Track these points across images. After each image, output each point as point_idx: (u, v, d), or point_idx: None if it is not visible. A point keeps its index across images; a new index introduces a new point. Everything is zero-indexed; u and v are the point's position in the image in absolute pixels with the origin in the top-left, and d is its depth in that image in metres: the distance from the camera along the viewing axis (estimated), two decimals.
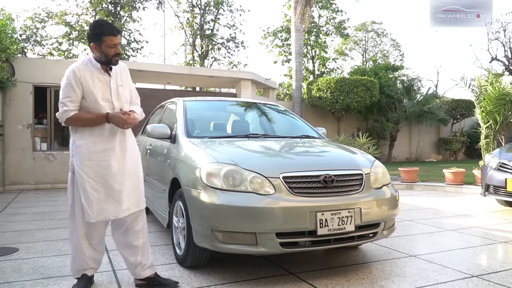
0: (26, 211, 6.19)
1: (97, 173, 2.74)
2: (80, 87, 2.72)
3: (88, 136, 2.77)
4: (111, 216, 2.79)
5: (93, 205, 2.72)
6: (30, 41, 20.61)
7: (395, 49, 30.19)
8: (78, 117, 2.73)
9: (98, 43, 2.71)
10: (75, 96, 2.71)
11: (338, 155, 3.63)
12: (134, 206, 2.88)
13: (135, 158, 2.97)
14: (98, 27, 2.73)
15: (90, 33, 2.75)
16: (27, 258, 3.68)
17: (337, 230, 2.95)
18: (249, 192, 2.93)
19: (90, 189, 2.73)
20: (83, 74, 2.73)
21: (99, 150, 2.76)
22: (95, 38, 2.71)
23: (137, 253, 2.94)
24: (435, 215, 5.92)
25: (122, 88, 2.90)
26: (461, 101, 18.12)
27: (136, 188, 2.91)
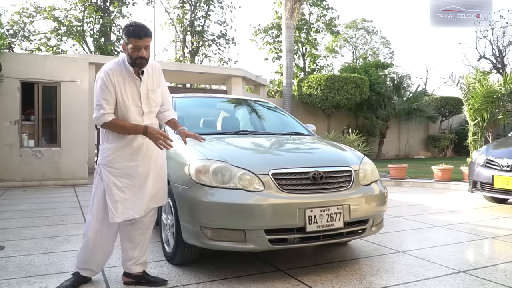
0: (13, 209, 6.11)
1: (123, 174, 2.76)
2: (114, 89, 2.69)
3: (117, 140, 2.76)
4: (135, 215, 2.81)
5: (118, 205, 2.73)
6: (17, 36, 20.36)
7: (385, 46, 30.41)
8: (116, 123, 2.70)
9: (125, 44, 2.69)
10: (111, 98, 2.68)
11: (327, 152, 3.64)
12: (152, 202, 2.91)
13: (161, 160, 2.99)
14: (127, 28, 2.69)
15: (123, 32, 2.71)
16: (13, 256, 3.63)
17: (326, 227, 2.96)
18: (238, 189, 2.92)
19: (116, 189, 2.74)
20: (116, 76, 2.70)
21: (126, 153, 2.77)
22: (124, 39, 2.69)
23: (136, 248, 2.95)
24: (423, 211, 5.97)
25: (152, 92, 2.85)
26: (450, 98, 18.31)
27: (157, 186, 2.92)
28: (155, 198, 2.92)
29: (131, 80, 2.75)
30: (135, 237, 2.95)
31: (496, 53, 20.02)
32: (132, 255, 2.95)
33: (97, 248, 2.89)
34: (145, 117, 2.80)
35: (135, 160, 2.79)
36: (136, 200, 2.80)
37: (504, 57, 20.21)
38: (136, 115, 2.76)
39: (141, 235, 2.96)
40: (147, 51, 2.70)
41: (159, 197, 2.96)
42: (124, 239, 2.98)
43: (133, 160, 2.78)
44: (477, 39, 19.85)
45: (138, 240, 2.96)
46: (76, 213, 5.75)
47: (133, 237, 2.95)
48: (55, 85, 9.04)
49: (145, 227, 2.98)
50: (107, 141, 2.79)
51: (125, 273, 3.00)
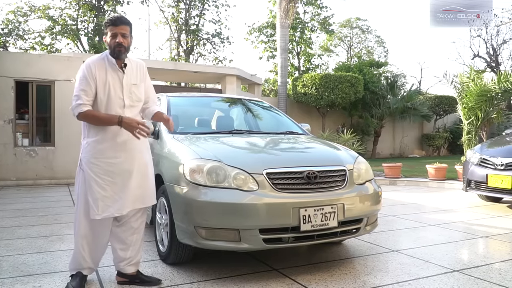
0: (7, 208, 6.07)
1: (105, 171, 2.73)
2: (94, 81, 2.69)
3: (97, 134, 2.75)
4: (115, 213, 2.76)
5: (99, 202, 2.71)
6: (12, 35, 20.21)
7: (380, 45, 30.48)
8: (91, 114, 2.69)
9: (105, 36, 2.74)
10: (89, 90, 2.68)
11: (322, 151, 3.64)
12: (139, 203, 2.86)
13: (145, 155, 2.94)
14: (105, 20, 2.75)
15: (104, 24, 2.76)
16: (7, 256, 3.60)
17: (320, 226, 2.96)
18: (232, 189, 2.92)
19: (96, 186, 2.71)
20: (98, 68, 2.71)
21: (108, 148, 2.75)
22: (103, 32, 2.71)
23: (128, 249, 2.93)
24: (418, 210, 5.99)
25: (135, 86, 2.86)
26: (444, 97, 18.37)
27: (143, 186, 2.87)
28: (142, 198, 2.87)
29: (113, 72, 2.76)
30: (126, 238, 2.92)
31: (490, 52, 20.15)
32: (124, 256, 2.93)
33: (92, 243, 2.87)
34: (126, 109, 2.78)
35: (118, 157, 2.76)
36: (118, 199, 2.75)
37: (498, 55, 20.34)
38: (117, 107, 2.75)
39: (131, 236, 2.93)
40: (125, 39, 2.72)
41: (146, 197, 2.91)
42: (114, 240, 2.96)
43: (116, 156, 2.75)
44: (471, 38, 19.96)
45: (130, 241, 2.93)
46: (70, 212, 5.72)
47: (124, 238, 2.92)
48: (50, 84, 8.99)
49: (135, 228, 2.95)
50: (88, 135, 2.77)
51: (119, 273, 2.99)
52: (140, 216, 2.97)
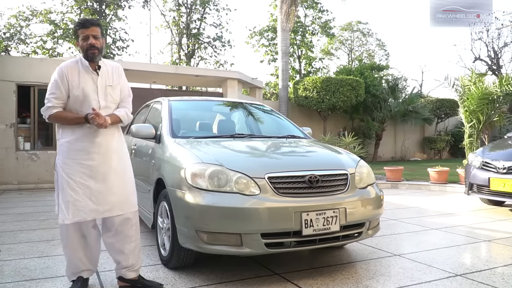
0: (9, 212, 6.08)
1: (77, 172, 2.71)
2: (67, 85, 2.73)
3: (70, 134, 2.76)
4: (88, 218, 2.73)
5: (69, 205, 2.68)
6: (14, 40, 20.28)
7: (380, 48, 30.47)
8: (59, 115, 2.75)
9: (77, 39, 2.80)
10: (60, 93, 2.73)
11: (323, 155, 3.64)
12: (117, 209, 2.81)
13: (122, 158, 2.91)
14: (75, 24, 2.83)
15: (75, 27, 2.82)
16: (8, 260, 3.60)
17: (322, 230, 2.95)
18: (234, 193, 2.92)
19: (68, 188, 2.69)
20: (71, 72, 2.75)
21: (81, 148, 2.74)
22: (74, 36, 2.82)
23: (128, 258, 2.89)
24: (419, 214, 5.98)
25: (111, 88, 2.88)
26: (445, 100, 18.36)
27: (121, 190, 2.83)
28: (120, 204, 2.82)
29: (87, 74, 2.79)
30: (123, 248, 2.87)
31: (492, 55, 20.16)
32: (126, 264, 2.90)
33: (85, 245, 2.87)
34: (102, 110, 2.76)
35: (92, 159, 2.74)
36: (90, 203, 2.71)
37: (499, 58, 20.34)
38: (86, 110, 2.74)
39: (129, 245, 2.88)
40: (97, 40, 2.75)
41: (125, 204, 2.85)
42: (112, 251, 2.92)
43: (89, 158, 2.74)
44: (472, 41, 19.97)
45: (128, 250, 2.88)
46: None
47: (121, 248, 2.88)
48: None
49: (131, 236, 2.89)
50: (62, 136, 2.79)
51: (120, 278, 2.98)
52: (133, 222, 2.91)
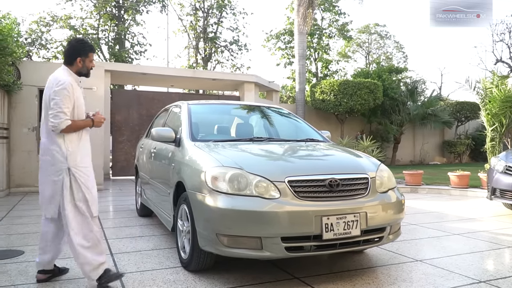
0: (31, 214, 6.19)
1: (90, 173, 3.10)
2: (73, 97, 3.01)
3: (77, 139, 3.08)
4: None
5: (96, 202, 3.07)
6: (35, 45, 20.73)
7: (399, 51, 30.17)
8: (74, 124, 3.00)
9: (84, 58, 3.11)
10: (70, 105, 2.99)
11: (343, 159, 3.61)
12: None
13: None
14: (86, 44, 3.19)
15: (78, 48, 3.12)
16: (32, 261, 3.66)
17: (342, 235, 2.93)
18: (254, 196, 2.92)
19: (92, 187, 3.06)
20: (74, 86, 3.03)
21: (87, 151, 3.17)
22: (83, 53, 3.11)
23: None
24: (440, 218, 5.88)
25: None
26: (466, 103, 18.07)
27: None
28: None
29: (79, 88, 3.13)
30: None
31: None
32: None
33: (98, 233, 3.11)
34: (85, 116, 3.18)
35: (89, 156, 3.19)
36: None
37: None
38: (82, 115, 3.14)
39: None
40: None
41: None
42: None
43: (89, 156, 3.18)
44: (493, 43, 19.61)
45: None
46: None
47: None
48: None
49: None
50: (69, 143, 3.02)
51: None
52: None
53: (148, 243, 4.35)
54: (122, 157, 12.17)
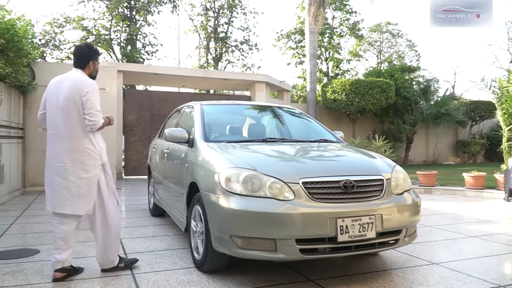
0: (46, 213, 6.23)
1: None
2: None
3: (102, 139, 3.40)
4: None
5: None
6: (48, 46, 20.95)
7: (411, 49, 29.82)
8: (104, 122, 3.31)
9: (94, 61, 3.39)
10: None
11: (358, 160, 3.57)
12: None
13: None
14: (96, 49, 3.46)
15: (93, 52, 3.39)
16: (48, 260, 3.69)
17: (358, 237, 2.90)
18: (268, 198, 2.90)
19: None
20: None
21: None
22: (93, 57, 3.38)
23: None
24: (456, 220, 5.79)
25: None
26: (480, 102, 17.81)
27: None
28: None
29: None
30: None
31: None
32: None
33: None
34: None
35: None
36: None
37: None
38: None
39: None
40: None
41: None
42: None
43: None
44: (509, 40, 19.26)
45: None
46: None
47: None
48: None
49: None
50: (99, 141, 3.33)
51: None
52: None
53: (161, 243, 4.36)
54: (134, 156, 12.24)
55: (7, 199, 7.45)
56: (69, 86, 3.17)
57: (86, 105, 3.12)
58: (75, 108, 3.14)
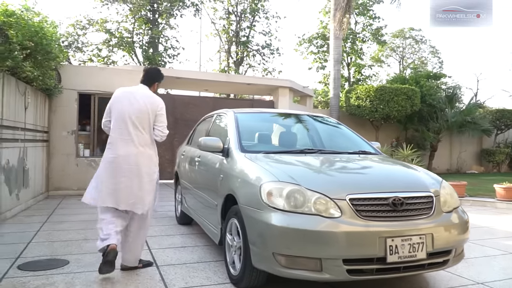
0: (71, 219, 6.22)
1: None
2: None
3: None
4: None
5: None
6: (71, 48, 21.19)
7: (434, 56, 29.36)
8: None
9: (158, 83, 3.89)
10: None
11: (404, 175, 3.42)
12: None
13: None
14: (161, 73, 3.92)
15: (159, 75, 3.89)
16: (78, 272, 3.63)
17: (408, 258, 2.75)
18: (313, 214, 2.77)
19: None
20: None
21: None
22: (159, 80, 3.89)
23: None
24: (492, 235, 5.56)
25: None
26: (506, 111, 17.38)
27: None
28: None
29: None
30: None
31: None
32: None
33: None
34: None
35: None
36: None
37: None
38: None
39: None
40: None
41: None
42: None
43: None
44: None
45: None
46: None
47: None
48: (111, 97, 9.22)
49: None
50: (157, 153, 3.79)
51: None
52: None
53: (192, 254, 4.26)
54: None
55: (31, 203, 7.47)
56: (144, 99, 3.61)
57: (159, 118, 3.64)
58: (148, 119, 3.59)
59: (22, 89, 6.88)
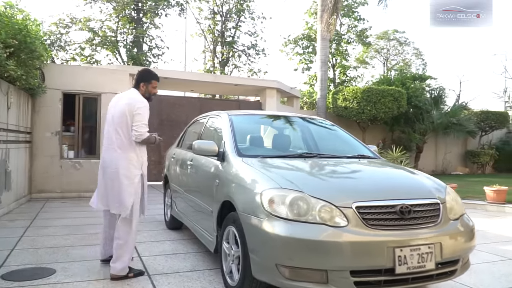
0: (56, 223, 5.97)
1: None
2: None
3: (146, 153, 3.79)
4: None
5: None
6: (54, 46, 20.68)
7: (418, 57, 29.65)
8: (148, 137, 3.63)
9: (147, 83, 3.78)
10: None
11: (409, 181, 3.31)
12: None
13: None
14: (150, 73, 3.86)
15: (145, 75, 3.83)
16: (66, 283, 3.42)
17: (417, 268, 2.64)
18: (318, 224, 2.63)
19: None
20: None
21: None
22: (147, 79, 3.79)
23: None
24: (486, 239, 5.52)
25: None
26: (491, 113, 17.60)
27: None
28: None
29: None
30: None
31: None
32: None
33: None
34: None
35: None
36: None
37: None
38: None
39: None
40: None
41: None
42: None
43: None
44: None
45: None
46: None
47: None
48: (96, 97, 8.97)
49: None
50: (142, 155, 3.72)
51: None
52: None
53: (185, 262, 4.09)
54: None
55: (13, 206, 7.17)
56: (125, 101, 3.61)
57: (136, 118, 3.53)
58: (126, 121, 3.55)
59: (5, 89, 6.59)
